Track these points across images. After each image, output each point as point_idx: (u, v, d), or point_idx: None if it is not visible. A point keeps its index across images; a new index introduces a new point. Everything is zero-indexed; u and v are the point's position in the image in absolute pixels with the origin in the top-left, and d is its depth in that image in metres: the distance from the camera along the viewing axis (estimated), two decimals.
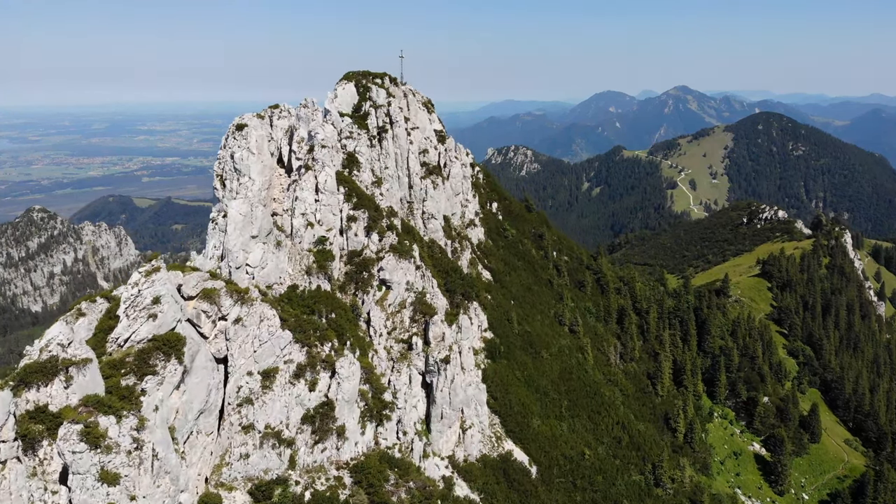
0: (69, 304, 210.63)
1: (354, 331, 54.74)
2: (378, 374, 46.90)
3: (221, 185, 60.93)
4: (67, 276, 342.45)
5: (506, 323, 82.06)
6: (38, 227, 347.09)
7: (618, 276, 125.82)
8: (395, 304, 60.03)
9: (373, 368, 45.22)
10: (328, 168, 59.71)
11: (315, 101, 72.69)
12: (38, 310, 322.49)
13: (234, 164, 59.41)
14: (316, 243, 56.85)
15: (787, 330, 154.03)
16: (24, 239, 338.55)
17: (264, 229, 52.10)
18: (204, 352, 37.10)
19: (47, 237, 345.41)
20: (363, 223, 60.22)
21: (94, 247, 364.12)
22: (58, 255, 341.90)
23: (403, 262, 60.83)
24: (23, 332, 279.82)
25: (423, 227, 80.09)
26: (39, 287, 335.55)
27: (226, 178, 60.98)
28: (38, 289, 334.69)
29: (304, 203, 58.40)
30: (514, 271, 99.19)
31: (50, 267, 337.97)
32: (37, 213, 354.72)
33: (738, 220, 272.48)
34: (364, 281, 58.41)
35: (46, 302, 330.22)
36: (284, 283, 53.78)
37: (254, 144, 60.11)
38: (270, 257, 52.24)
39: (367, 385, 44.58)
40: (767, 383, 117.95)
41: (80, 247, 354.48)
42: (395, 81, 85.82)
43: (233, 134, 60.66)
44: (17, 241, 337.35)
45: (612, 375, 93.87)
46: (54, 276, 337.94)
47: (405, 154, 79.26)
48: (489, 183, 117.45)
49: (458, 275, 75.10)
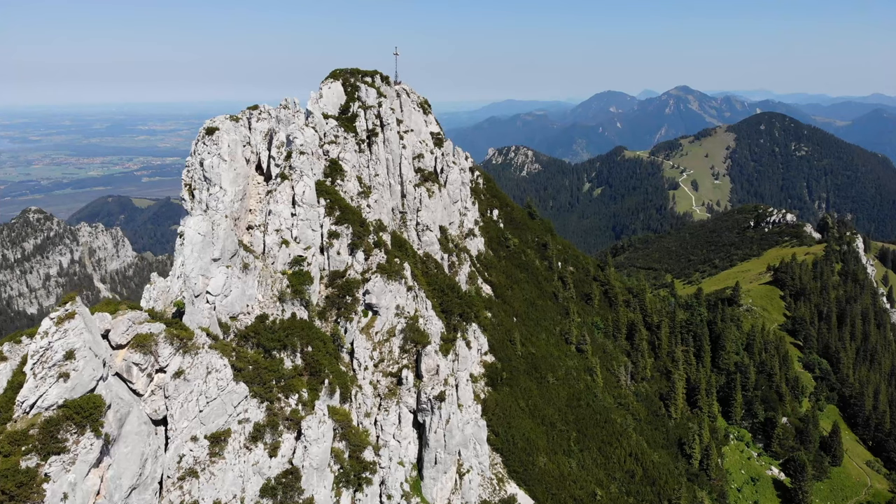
0: None
1: (334, 366, 47.49)
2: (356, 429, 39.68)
3: (190, 195, 53.92)
4: (63, 278, 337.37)
5: (508, 344, 74.84)
6: (35, 229, 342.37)
7: (626, 286, 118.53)
8: (383, 331, 52.80)
9: (350, 420, 38.02)
10: (307, 177, 52.44)
11: (297, 102, 65.61)
12: (34, 312, 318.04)
13: (203, 173, 52.36)
14: (291, 264, 49.57)
15: (801, 341, 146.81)
16: (19, 240, 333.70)
17: (228, 250, 44.82)
18: (137, 413, 29.87)
19: (43, 238, 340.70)
20: (347, 240, 52.97)
21: (91, 248, 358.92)
22: (54, 256, 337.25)
23: (393, 283, 53.58)
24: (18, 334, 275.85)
25: (416, 239, 72.82)
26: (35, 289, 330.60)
27: (195, 187, 53.97)
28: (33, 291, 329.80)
29: (278, 218, 51.15)
30: (517, 284, 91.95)
31: (46, 269, 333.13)
32: (33, 214, 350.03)
33: (745, 223, 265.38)
34: (347, 306, 51.15)
35: (42, 304, 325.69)
36: (252, 311, 46.48)
37: (225, 150, 53.00)
38: (235, 283, 44.95)
39: (342, 442, 37.40)
40: (786, 402, 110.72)
41: (76, 248, 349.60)
42: (387, 80, 78.52)
43: (202, 139, 53.68)
44: (13, 242, 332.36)
45: (622, 398, 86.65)
46: (50, 277, 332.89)
47: (397, 160, 71.99)
48: (490, 188, 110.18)
49: (456, 293, 67.84)
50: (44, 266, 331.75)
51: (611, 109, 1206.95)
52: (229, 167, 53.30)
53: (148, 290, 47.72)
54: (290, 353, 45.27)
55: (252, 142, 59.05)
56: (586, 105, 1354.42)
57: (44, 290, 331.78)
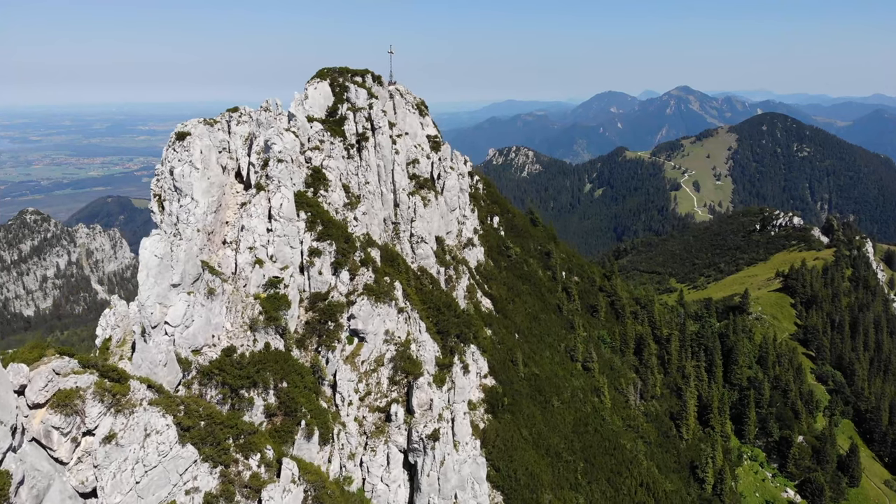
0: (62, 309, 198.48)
1: (313, 403, 41.91)
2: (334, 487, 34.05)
3: (159, 207, 48.39)
4: (61, 280, 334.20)
5: (510, 365, 69.26)
6: (32, 230, 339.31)
7: (633, 296, 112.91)
8: (370, 360, 47.20)
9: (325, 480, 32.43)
10: (285, 188, 46.87)
11: (279, 103, 59.99)
12: (31, 314, 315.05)
13: (173, 182, 46.79)
14: (266, 286, 44.00)
15: (814, 352, 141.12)
16: (16, 242, 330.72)
17: (190, 274, 39.24)
18: (59, 487, 24.33)
19: (40, 240, 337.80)
20: (330, 258, 47.36)
21: (89, 249, 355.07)
22: (51, 258, 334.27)
23: (382, 305, 47.97)
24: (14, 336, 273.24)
25: (410, 252, 67.21)
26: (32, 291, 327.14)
27: (164, 198, 48.38)
28: (30, 293, 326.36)
29: (252, 234, 45.58)
30: (519, 297, 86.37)
31: (43, 270, 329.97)
32: (30, 216, 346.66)
33: (751, 226, 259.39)
34: (330, 333, 45.54)
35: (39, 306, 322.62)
36: (219, 343, 40.90)
37: (198, 157, 47.42)
38: (198, 311, 39.37)
39: None
40: (802, 420, 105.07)
41: (73, 250, 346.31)
42: (380, 80, 72.88)
43: (172, 145, 48.12)
44: (10, 243, 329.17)
45: (632, 420, 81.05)
46: (47, 279, 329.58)
47: (390, 166, 66.37)
48: (490, 194, 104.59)
49: (453, 311, 62.27)
50: (41, 268, 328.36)
51: (611, 110, 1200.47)
52: (202, 176, 47.74)
53: (105, 317, 42.19)
54: (261, 391, 39.74)
55: (231, 147, 53.53)
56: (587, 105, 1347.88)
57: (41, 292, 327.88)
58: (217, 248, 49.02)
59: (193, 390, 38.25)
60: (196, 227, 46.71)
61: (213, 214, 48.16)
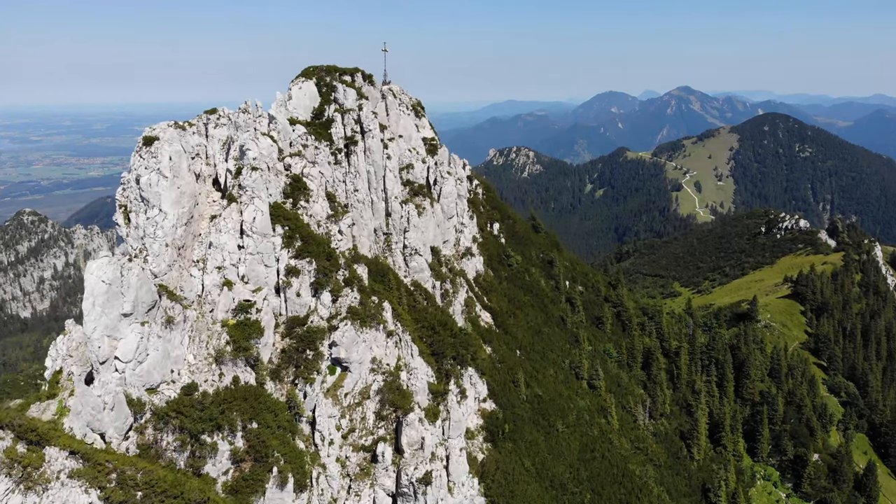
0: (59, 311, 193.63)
1: (288, 444, 36.89)
2: None
3: (125, 219, 43.27)
4: (58, 281, 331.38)
5: (511, 387, 64.22)
6: (29, 231, 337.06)
7: (640, 306, 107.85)
8: (355, 393, 42.14)
9: None
10: (259, 200, 41.82)
11: (259, 105, 54.73)
12: (28, 316, 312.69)
13: (139, 192, 41.74)
14: (236, 311, 38.95)
15: (825, 362, 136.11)
16: (13, 243, 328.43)
17: (143, 302, 34.22)
18: None
19: (37, 241, 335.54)
20: (309, 277, 42.29)
21: (86, 251, 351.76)
22: (48, 259, 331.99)
23: (368, 330, 42.93)
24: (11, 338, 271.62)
25: (403, 265, 62.16)
26: (29, 292, 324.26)
27: (131, 209, 43.28)
28: (27, 294, 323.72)
29: (221, 252, 40.51)
30: (521, 310, 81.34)
31: (40, 272, 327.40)
32: (27, 216, 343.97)
33: (756, 228, 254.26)
34: (308, 363, 40.48)
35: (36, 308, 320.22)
36: (179, 379, 35.88)
37: (166, 164, 42.37)
38: (154, 344, 34.34)
39: None
40: (817, 436, 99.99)
41: (71, 251, 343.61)
42: (371, 79, 67.81)
43: (139, 151, 43.07)
44: (7, 245, 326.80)
45: (640, 441, 76.01)
46: (44, 281, 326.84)
47: (381, 172, 61.32)
48: (490, 199, 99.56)
49: (449, 331, 57.20)
50: (38, 269, 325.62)
51: (612, 110, 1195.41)
52: (171, 185, 42.68)
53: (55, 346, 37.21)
54: (227, 434, 34.67)
55: (209, 152, 48.50)
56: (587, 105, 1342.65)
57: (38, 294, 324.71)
58: (189, 264, 43.92)
59: (147, 436, 33.25)
60: (164, 241, 41.69)
61: (183, 227, 43.09)
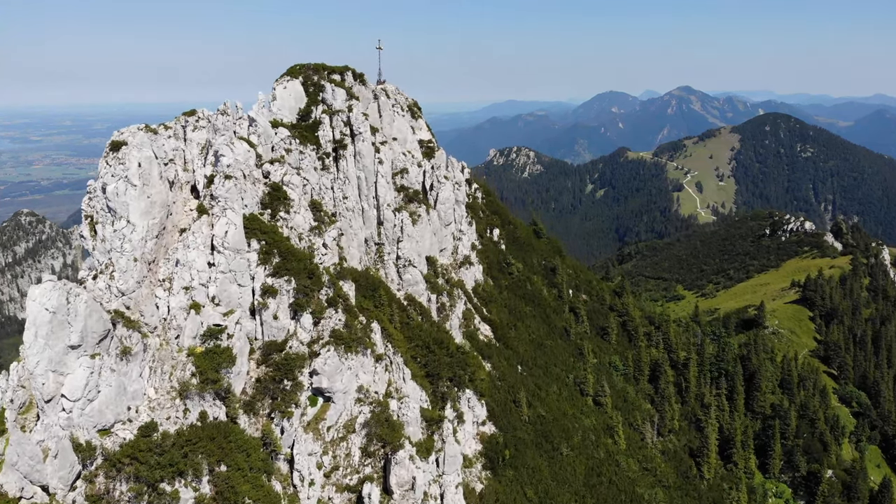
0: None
1: (263, 488, 32.72)
2: None
3: (91, 232, 39.29)
4: None
5: (512, 407, 60.09)
6: (26, 232, 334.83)
7: (646, 315, 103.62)
8: (339, 426, 37.97)
9: None
10: (232, 211, 37.68)
11: (239, 106, 50.62)
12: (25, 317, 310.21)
13: (106, 202, 37.67)
14: (204, 337, 34.82)
15: (836, 370, 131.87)
16: (11, 244, 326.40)
17: (93, 332, 30.07)
18: None
19: (35, 242, 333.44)
20: (288, 297, 38.14)
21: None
22: (46, 260, 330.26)
23: (354, 356, 38.77)
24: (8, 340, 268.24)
25: (396, 278, 58.00)
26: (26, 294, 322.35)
27: (98, 221, 39.23)
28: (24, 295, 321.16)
29: (189, 270, 36.38)
30: (522, 321, 77.19)
31: (38, 273, 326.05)
32: (25, 217, 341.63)
33: (760, 230, 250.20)
34: (286, 394, 36.33)
35: None
36: (138, 417, 31.69)
37: (135, 172, 38.33)
38: (107, 378, 30.20)
39: None
40: (831, 451, 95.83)
41: (69, 252, 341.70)
42: (362, 78, 63.61)
43: (106, 157, 39.05)
44: (4, 246, 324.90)
45: (648, 461, 71.86)
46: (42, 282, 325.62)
47: (372, 177, 57.16)
48: (490, 203, 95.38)
49: (445, 349, 53.07)
50: (35, 270, 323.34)
51: (613, 110, 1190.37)
52: (140, 194, 38.61)
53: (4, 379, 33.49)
54: (190, 480, 30.47)
55: (187, 157, 44.46)
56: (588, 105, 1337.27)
57: None
58: (156, 282, 39.86)
59: (98, 485, 29.11)
60: (132, 255, 37.66)
61: (154, 240, 39.00)
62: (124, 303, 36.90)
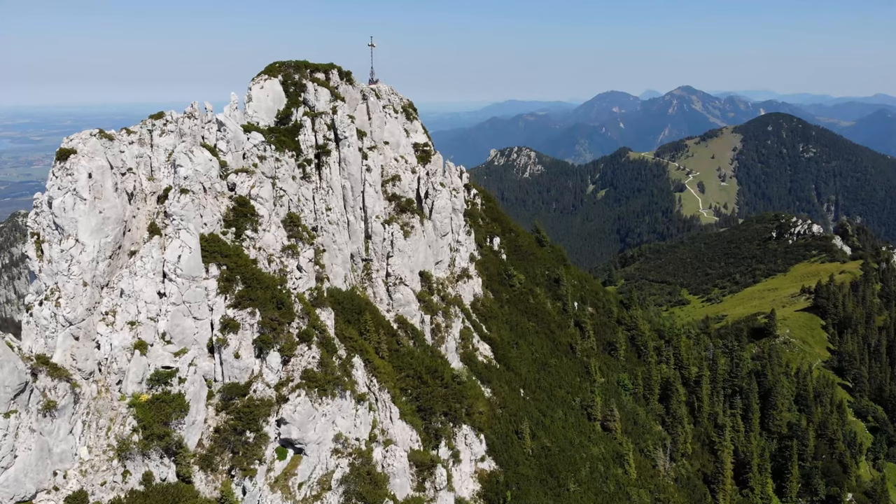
0: None
1: None
2: None
3: (37, 252, 33.90)
4: None
5: (514, 439, 54.70)
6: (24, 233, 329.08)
7: (655, 328, 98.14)
8: (312, 482, 32.57)
9: None
10: (186, 232, 32.29)
11: (209, 108, 45.17)
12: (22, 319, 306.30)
13: (53, 218, 32.29)
14: (151, 382, 29.42)
15: (851, 382, 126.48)
16: (7, 245, 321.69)
17: (8, 385, 24.59)
18: None
19: None
20: (252, 332, 32.71)
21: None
22: None
23: (330, 401, 33.38)
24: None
25: (386, 297, 52.60)
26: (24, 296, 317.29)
27: (45, 239, 33.84)
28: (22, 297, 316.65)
29: (135, 302, 31.01)
30: (524, 338, 71.80)
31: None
32: (22, 218, 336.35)
33: (766, 233, 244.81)
34: (249, 448, 30.91)
35: None
36: (66, 484, 26.28)
37: (84, 184, 33.04)
38: (26, 441, 24.78)
39: None
40: (851, 474, 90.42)
41: None
42: (349, 77, 58.21)
43: (54, 167, 33.76)
44: (1, 247, 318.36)
45: (661, 491, 66.39)
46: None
47: (359, 186, 51.79)
48: (490, 210, 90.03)
49: (440, 380, 47.70)
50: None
51: (613, 110, 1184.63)
52: (90, 209, 33.30)
53: None
54: None
55: (154, 165, 39.17)
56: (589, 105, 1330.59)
57: None
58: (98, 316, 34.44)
59: None
60: (81, 279, 32.41)
61: (107, 261, 33.69)
62: (72, 333, 31.65)
